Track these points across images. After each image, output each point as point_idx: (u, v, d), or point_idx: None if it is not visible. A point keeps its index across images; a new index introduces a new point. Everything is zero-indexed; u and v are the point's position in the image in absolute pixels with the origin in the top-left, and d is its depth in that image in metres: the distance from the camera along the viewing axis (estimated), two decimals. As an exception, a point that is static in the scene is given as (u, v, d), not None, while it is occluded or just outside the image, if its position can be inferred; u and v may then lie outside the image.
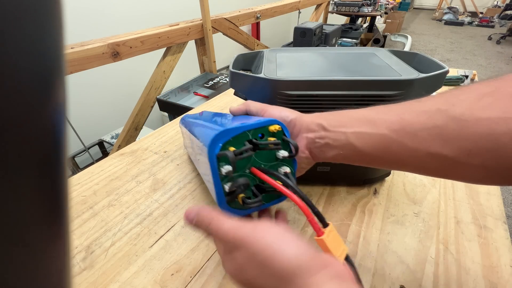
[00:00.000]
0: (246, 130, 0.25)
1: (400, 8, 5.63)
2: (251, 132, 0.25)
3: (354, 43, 2.28)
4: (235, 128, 0.25)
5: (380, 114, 0.25)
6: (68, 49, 0.89)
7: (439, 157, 0.21)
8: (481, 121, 0.19)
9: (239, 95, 0.43)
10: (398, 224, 0.41)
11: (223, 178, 0.24)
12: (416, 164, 0.23)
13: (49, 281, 0.12)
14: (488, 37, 4.77)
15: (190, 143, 0.41)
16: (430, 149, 0.22)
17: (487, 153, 0.19)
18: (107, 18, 1.80)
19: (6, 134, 0.09)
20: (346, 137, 0.26)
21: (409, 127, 0.23)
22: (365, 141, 0.25)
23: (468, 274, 0.34)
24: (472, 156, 0.20)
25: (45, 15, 0.09)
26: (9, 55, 0.08)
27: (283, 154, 0.26)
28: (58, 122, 0.11)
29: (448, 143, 0.21)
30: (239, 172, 0.25)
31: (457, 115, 0.20)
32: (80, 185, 0.50)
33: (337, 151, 0.27)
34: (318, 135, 0.28)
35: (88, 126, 1.82)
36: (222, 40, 1.61)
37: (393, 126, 0.24)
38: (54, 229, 0.12)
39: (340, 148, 0.26)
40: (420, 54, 0.44)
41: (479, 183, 0.22)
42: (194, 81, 1.43)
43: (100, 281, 0.34)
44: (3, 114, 0.08)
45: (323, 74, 0.38)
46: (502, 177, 0.20)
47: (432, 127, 0.22)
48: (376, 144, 0.24)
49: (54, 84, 0.10)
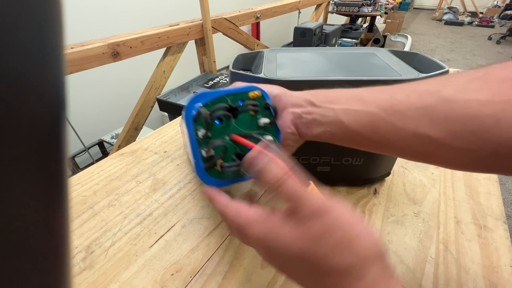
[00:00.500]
0: (224, 94, 0.25)
1: (400, 8, 5.64)
2: (230, 97, 0.25)
3: (354, 43, 2.28)
4: (213, 92, 0.24)
5: (371, 92, 0.25)
6: (68, 49, 0.89)
7: (425, 138, 0.21)
8: (469, 102, 0.19)
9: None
10: (398, 224, 0.41)
11: (200, 142, 0.23)
12: (402, 145, 0.23)
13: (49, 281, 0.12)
14: (488, 37, 4.77)
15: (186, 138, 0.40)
16: (417, 129, 0.21)
17: (471, 136, 0.19)
18: (107, 18, 1.80)
19: (6, 134, 0.09)
20: (334, 113, 0.25)
21: (398, 106, 0.23)
22: (354, 118, 0.24)
23: (468, 274, 0.34)
24: (457, 138, 0.20)
25: (45, 15, 0.09)
26: (9, 55, 0.08)
27: (264, 121, 0.25)
28: (58, 122, 0.11)
29: (436, 124, 0.21)
30: (218, 138, 0.24)
31: (446, 96, 0.20)
32: (80, 185, 0.50)
33: (324, 128, 0.26)
34: (305, 110, 0.27)
35: (88, 126, 1.82)
36: (222, 40, 1.61)
37: (383, 104, 0.23)
38: (54, 229, 0.12)
39: (328, 125, 0.26)
40: (420, 54, 0.44)
41: (463, 168, 0.22)
42: (194, 81, 1.43)
43: (100, 281, 0.34)
44: (3, 114, 0.08)
45: (323, 74, 0.38)
46: (485, 163, 0.20)
47: (422, 107, 0.21)
48: (365, 121, 0.24)
49: (54, 84, 0.10)
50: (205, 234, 0.40)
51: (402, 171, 0.51)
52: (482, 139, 0.19)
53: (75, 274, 0.35)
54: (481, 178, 0.49)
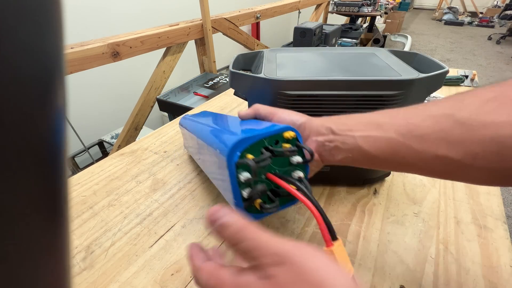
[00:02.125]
0: (263, 138, 0.25)
1: (400, 8, 5.64)
2: (267, 140, 0.26)
3: (354, 43, 2.28)
4: (253, 136, 0.25)
5: (387, 118, 0.26)
6: (68, 49, 0.89)
7: (445, 159, 0.22)
8: (486, 125, 0.20)
9: (239, 95, 0.43)
10: (398, 224, 0.41)
11: (241, 184, 0.24)
12: (423, 166, 0.24)
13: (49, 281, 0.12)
14: (488, 37, 4.77)
15: (194, 144, 0.40)
16: (437, 151, 0.22)
17: (492, 156, 0.20)
18: (107, 18, 1.80)
19: (6, 134, 0.09)
20: (354, 141, 0.27)
21: (416, 130, 0.24)
22: (373, 144, 0.26)
23: (468, 274, 0.34)
24: (478, 159, 0.21)
25: (45, 15, 0.09)
26: (9, 56, 0.08)
27: (297, 160, 0.27)
28: (58, 122, 0.11)
29: (454, 146, 0.21)
30: (261, 184, 0.25)
31: (462, 119, 0.21)
32: (80, 185, 0.50)
33: (346, 154, 0.28)
34: (327, 138, 0.28)
35: (88, 126, 1.81)
36: (222, 40, 1.61)
37: (401, 129, 0.24)
38: (54, 229, 0.12)
39: (349, 151, 0.27)
40: (420, 54, 0.44)
41: (481, 184, 0.23)
42: (194, 81, 1.43)
43: (100, 281, 0.34)
44: (2, 115, 0.08)
45: (323, 74, 0.38)
46: (504, 178, 0.21)
47: (439, 130, 0.22)
48: (384, 147, 0.25)
49: (54, 84, 0.10)
50: (205, 234, 0.40)
51: (402, 171, 0.51)
52: (503, 158, 0.20)
53: (75, 274, 0.35)
54: (481, 178, 0.49)
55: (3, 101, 0.08)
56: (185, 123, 0.48)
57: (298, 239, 0.39)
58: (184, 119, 0.50)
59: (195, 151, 0.43)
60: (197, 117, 0.45)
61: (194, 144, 0.41)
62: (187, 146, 0.52)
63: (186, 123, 0.47)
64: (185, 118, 0.49)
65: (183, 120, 0.50)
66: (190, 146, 0.47)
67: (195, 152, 0.42)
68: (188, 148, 0.51)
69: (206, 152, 0.33)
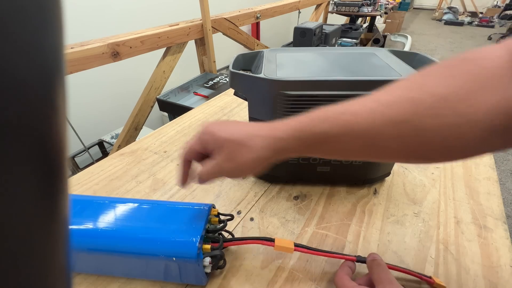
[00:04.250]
0: (205, 225, 0.32)
1: (400, 8, 5.63)
2: (207, 226, 0.33)
3: (354, 43, 2.28)
4: (200, 229, 0.31)
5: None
6: (68, 49, 0.89)
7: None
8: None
9: (239, 95, 0.43)
10: (398, 224, 0.41)
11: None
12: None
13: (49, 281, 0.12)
14: (488, 37, 4.77)
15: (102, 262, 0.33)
16: None
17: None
18: (107, 18, 1.80)
19: (6, 134, 0.09)
20: None
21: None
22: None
23: (468, 274, 0.34)
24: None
25: (45, 15, 0.09)
26: (9, 56, 0.08)
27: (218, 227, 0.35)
28: (58, 122, 0.11)
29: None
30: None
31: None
32: (80, 185, 0.50)
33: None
34: None
35: (88, 126, 1.81)
36: (222, 40, 1.61)
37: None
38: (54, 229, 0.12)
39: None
40: (420, 54, 0.44)
41: (400, 160, 0.26)
42: (194, 81, 1.43)
43: (100, 281, 0.34)
44: (2, 114, 0.08)
45: (323, 74, 0.38)
46: (420, 155, 0.23)
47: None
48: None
49: (54, 84, 0.10)
50: (205, 234, 0.40)
51: (402, 171, 0.51)
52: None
53: (75, 274, 0.35)
54: (481, 178, 0.49)
55: (3, 101, 0.08)
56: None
57: (298, 239, 0.39)
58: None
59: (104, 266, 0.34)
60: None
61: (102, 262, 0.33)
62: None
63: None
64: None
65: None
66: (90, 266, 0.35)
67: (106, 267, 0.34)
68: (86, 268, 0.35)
69: (141, 263, 0.32)
